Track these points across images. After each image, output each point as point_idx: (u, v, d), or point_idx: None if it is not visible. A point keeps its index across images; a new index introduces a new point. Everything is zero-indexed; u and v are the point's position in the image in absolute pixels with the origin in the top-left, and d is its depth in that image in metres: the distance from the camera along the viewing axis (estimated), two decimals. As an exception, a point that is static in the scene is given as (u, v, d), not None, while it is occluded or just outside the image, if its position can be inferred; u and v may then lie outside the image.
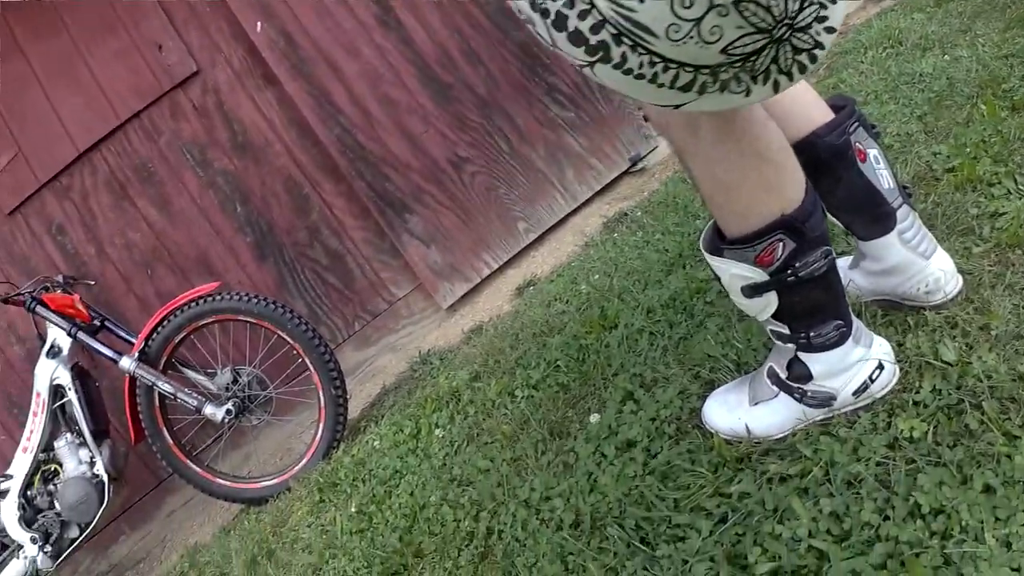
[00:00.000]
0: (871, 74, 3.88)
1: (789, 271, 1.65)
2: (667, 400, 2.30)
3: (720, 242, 1.69)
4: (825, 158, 1.89)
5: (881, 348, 1.82)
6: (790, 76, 1.25)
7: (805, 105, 1.90)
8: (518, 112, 5.08)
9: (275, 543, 3.42)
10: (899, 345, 1.92)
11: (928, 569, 1.41)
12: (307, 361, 4.07)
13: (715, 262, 1.73)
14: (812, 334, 1.75)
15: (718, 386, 2.21)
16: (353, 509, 3.10)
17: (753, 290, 1.71)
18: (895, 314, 2.04)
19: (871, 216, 1.95)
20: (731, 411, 2.00)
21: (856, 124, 1.91)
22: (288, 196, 5.19)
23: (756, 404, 1.94)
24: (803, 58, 1.23)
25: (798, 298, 1.70)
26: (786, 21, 1.16)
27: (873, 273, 2.05)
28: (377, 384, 4.91)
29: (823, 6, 1.17)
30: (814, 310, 1.73)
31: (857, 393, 1.79)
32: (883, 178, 1.93)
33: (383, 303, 5.28)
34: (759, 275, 1.67)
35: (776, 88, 1.26)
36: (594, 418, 2.48)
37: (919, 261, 1.95)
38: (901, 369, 1.85)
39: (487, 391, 3.21)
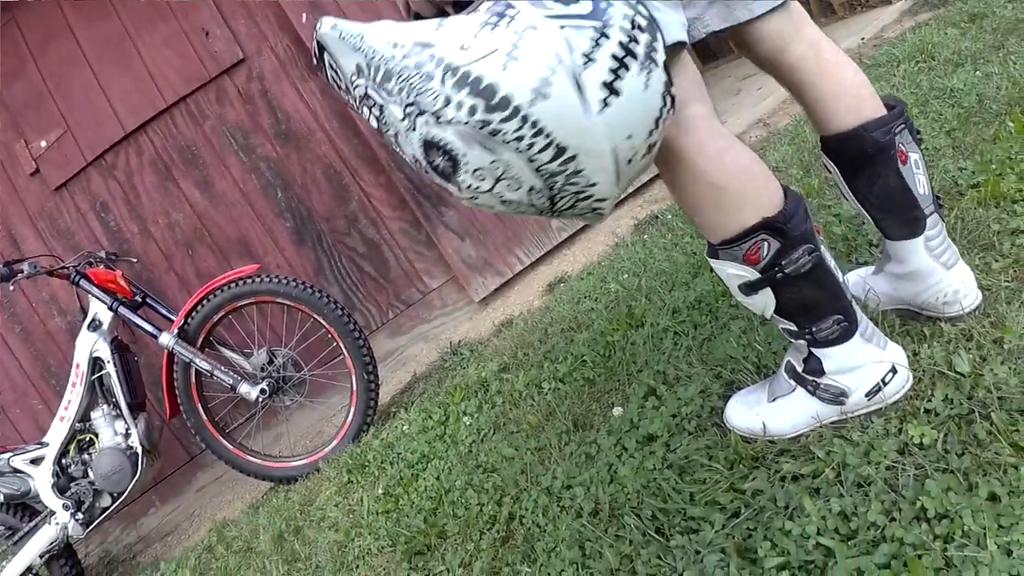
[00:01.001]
0: (903, 88, 3.89)
1: (776, 268, 1.73)
2: (688, 397, 2.36)
3: (715, 245, 1.78)
4: (869, 153, 1.93)
5: (895, 353, 1.86)
6: (597, 218, 1.59)
7: (859, 98, 1.95)
8: (558, 111, 5.11)
9: (302, 520, 3.49)
10: (914, 355, 1.96)
11: (930, 570, 1.45)
12: (341, 346, 4.14)
13: (714, 264, 1.82)
14: (814, 329, 1.81)
15: (738, 386, 2.27)
16: (380, 490, 3.17)
17: (750, 288, 1.79)
18: (912, 324, 2.08)
19: (902, 218, 1.99)
20: (750, 409, 2.06)
21: (903, 126, 1.94)
22: (328, 184, 5.28)
23: (774, 400, 2.00)
24: (590, 215, 1.56)
25: (792, 295, 1.77)
26: (549, 209, 1.50)
27: (895, 276, 2.09)
28: (408, 372, 4.98)
29: (579, 194, 1.46)
30: (811, 306, 1.79)
31: (870, 395, 1.84)
32: (920, 183, 1.96)
33: (417, 293, 5.36)
34: (751, 273, 1.76)
35: (600, 217, 1.61)
36: (617, 411, 2.55)
37: (940, 270, 1.99)
38: (915, 377, 1.89)
39: (515, 382, 3.28)
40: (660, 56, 1.39)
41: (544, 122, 1.33)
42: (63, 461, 4.26)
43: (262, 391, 4.10)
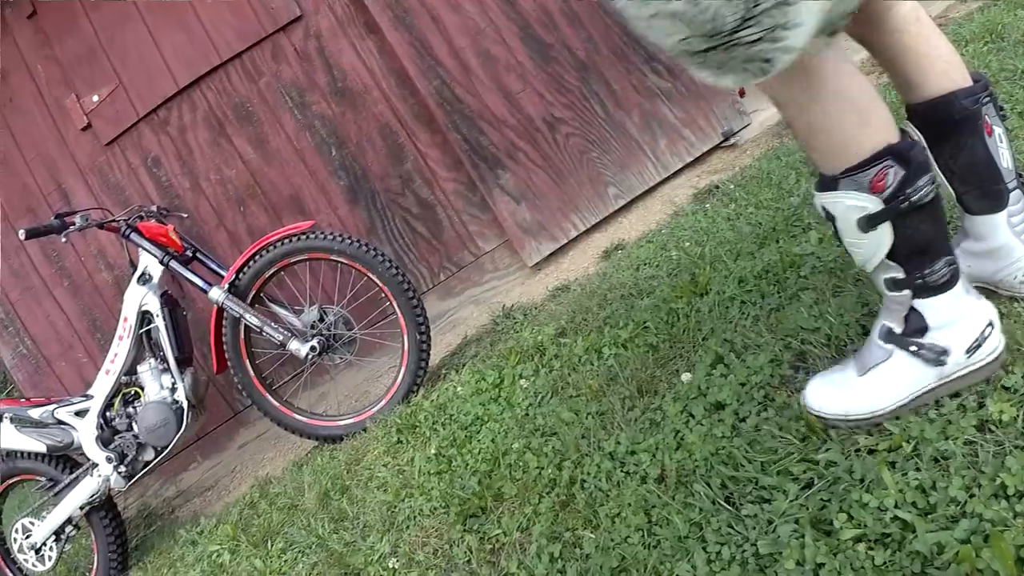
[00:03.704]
0: (971, 67, 3.81)
1: (901, 197, 1.69)
2: (757, 366, 2.32)
3: (838, 173, 1.74)
4: (957, 119, 1.90)
5: (990, 307, 1.82)
6: (759, 73, 1.50)
7: (950, 65, 1.92)
8: (615, 78, 5.08)
9: (349, 480, 3.48)
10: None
11: (1011, 547, 1.42)
12: (395, 305, 4.11)
13: (830, 198, 1.78)
14: (927, 271, 1.76)
15: (810, 358, 2.23)
16: (432, 451, 3.14)
17: (869, 222, 1.73)
18: (991, 299, 2.02)
19: (985, 191, 1.95)
20: (838, 387, 1.95)
21: (988, 99, 1.91)
22: (383, 143, 5.25)
23: (867, 372, 1.90)
24: (756, 66, 1.48)
25: (910, 231, 1.72)
26: (726, 34, 1.41)
27: (974, 254, 2.04)
28: (458, 335, 4.96)
29: (773, 29, 1.39)
30: (925, 245, 1.75)
31: (970, 351, 1.78)
32: (1004, 157, 1.93)
33: (469, 256, 5.34)
34: (874, 203, 1.71)
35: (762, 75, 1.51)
36: (686, 377, 2.51)
37: (1021, 247, 1.95)
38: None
39: (573, 347, 3.24)
40: None
41: None
42: (108, 414, 4.29)
43: (312, 348, 4.08)
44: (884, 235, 1.73)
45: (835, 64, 1.67)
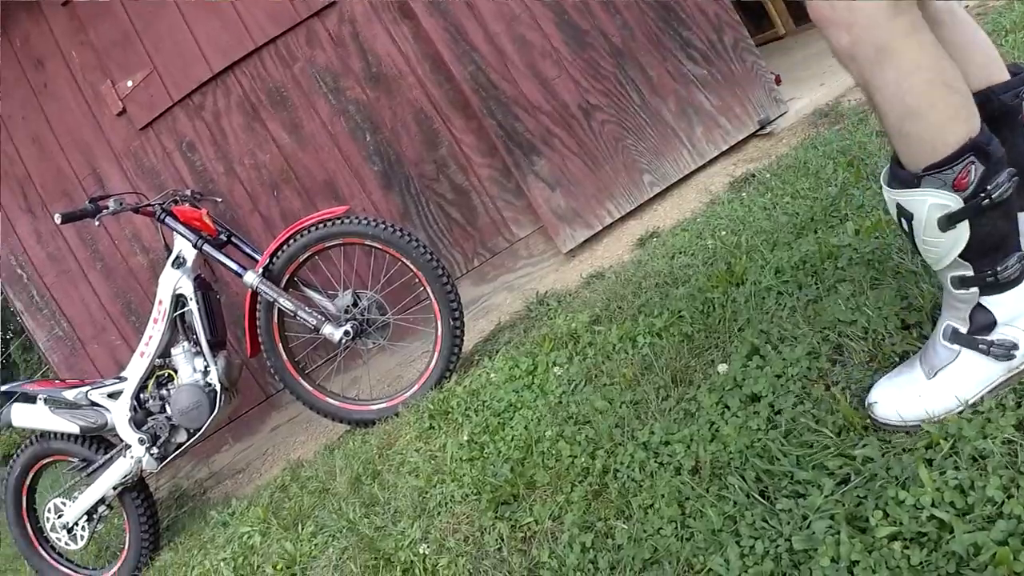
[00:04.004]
0: (1011, 57, 3.74)
1: (982, 194, 1.66)
2: (794, 359, 2.29)
3: (920, 171, 1.70)
4: (996, 115, 1.85)
5: None
6: None
7: (989, 58, 1.89)
8: (651, 64, 5.04)
9: (381, 464, 3.48)
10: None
11: None
12: (429, 290, 4.11)
13: (909, 196, 1.74)
14: (999, 268, 1.74)
15: (847, 351, 2.21)
16: (465, 437, 3.14)
17: (949, 221, 1.70)
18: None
19: None
20: (909, 393, 1.89)
21: None
22: (418, 129, 5.24)
23: (936, 374, 1.86)
24: None
25: (986, 228, 1.70)
26: None
27: None
28: (491, 321, 4.94)
29: None
30: (999, 242, 1.73)
31: None
32: None
33: (503, 242, 5.32)
34: (955, 201, 1.67)
35: None
36: (722, 368, 2.48)
37: None
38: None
39: (607, 335, 3.21)
40: None
41: None
42: (141, 396, 4.34)
43: (346, 333, 4.08)
44: (962, 233, 1.71)
45: (934, 46, 1.65)
